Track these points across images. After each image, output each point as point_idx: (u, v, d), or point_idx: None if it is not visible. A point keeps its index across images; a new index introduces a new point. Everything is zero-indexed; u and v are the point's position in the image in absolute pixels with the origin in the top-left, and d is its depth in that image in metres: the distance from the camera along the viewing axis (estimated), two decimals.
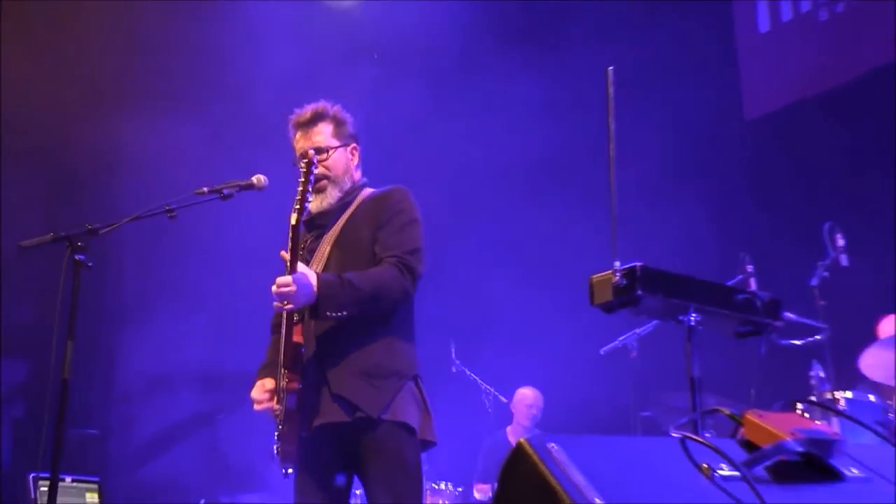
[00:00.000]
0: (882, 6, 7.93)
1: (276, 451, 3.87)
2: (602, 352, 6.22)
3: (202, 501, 6.58)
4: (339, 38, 8.82)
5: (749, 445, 2.09)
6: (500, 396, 7.86)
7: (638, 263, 2.93)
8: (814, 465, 2.08)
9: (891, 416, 5.39)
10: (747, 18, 8.88)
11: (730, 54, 8.92)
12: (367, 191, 4.12)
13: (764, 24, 8.77)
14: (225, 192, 4.27)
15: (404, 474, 3.79)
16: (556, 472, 1.79)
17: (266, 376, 3.97)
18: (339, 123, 4.14)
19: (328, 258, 3.96)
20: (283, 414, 3.80)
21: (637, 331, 5.94)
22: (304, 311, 3.82)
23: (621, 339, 6.04)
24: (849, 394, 5.42)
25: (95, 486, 6.19)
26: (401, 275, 3.81)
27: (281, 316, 3.89)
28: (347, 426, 3.76)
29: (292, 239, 3.74)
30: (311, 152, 3.95)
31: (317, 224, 4.07)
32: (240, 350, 7.00)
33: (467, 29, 8.71)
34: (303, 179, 3.79)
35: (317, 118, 4.11)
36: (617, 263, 2.93)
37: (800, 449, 2.03)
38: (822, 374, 5.40)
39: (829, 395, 5.31)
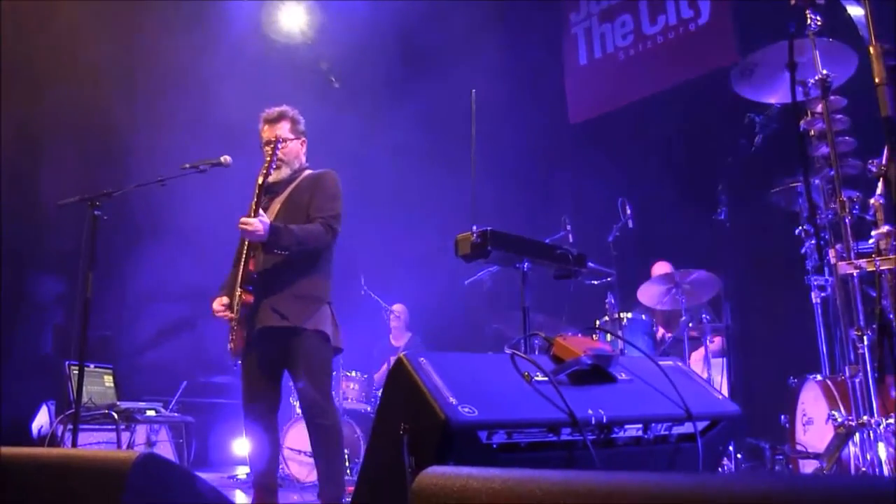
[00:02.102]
0: (681, 39, 8.08)
1: (229, 348, 3.95)
2: (466, 283, 6.29)
3: (184, 382, 6.54)
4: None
5: (557, 359, 2.14)
6: (391, 310, 7.92)
7: (489, 228, 3.02)
8: (598, 372, 2.15)
9: (655, 329, 5.62)
10: (572, 53, 8.97)
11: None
12: (308, 171, 4.18)
13: (583, 59, 8.88)
14: (201, 167, 4.29)
15: (320, 368, 3.86)
16: (423, 377, 1.82)
17: (223, 294, 4.02)
18: (295, 122, 4.19)
19: (277, 214, 4.01)
20: (237, 320, 3.87)
21: (491, 269, 6.01)
22: (258, 248, 3.88)
23: (479, 274, 6.10)
24: (630, 314, 5.62)
25: (111, 371, 6.19)
26: (325, 231, 3.92)
27: (240, 253, 3.95)
28: (280, 330, 3.82)
29: (257, 194, 3.83)
30: (278, 135, 4.05)
31: (271, 191, 4.10)
32: (216, 273, 6.96)
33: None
34: (268, 158, 3.91)
35: (281, 116, 4.15)
36: (474, 227, 3.01)
37: (589, 362, 2.10)
38: (613, 301, 5.58)
39: (617, 315, 5.49)
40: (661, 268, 6.40)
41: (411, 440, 1.84)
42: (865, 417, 3.05)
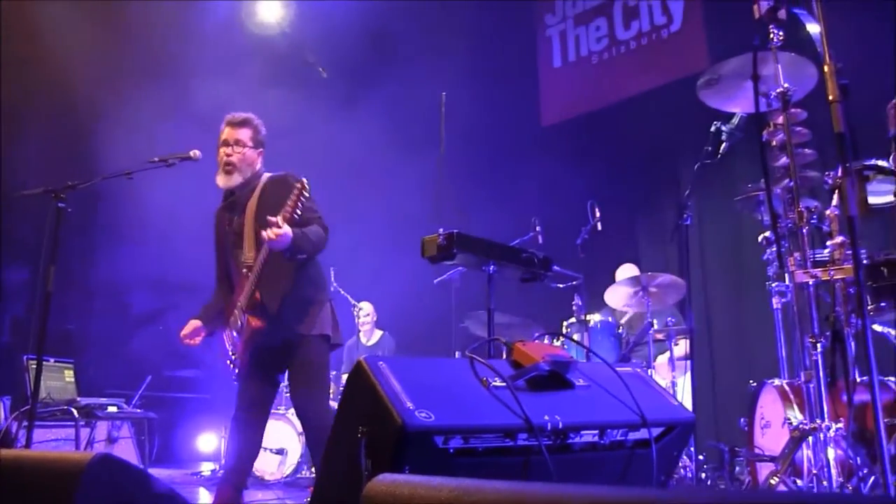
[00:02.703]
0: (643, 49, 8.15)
1: (229, 358, 3.97)
2: (435, 282, 6.30)
3: (149, 377, 6.47)
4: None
5: (517, 365, 2.17)
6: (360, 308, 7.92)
7: (455, 230, 3.04)
8: (557, 378, 2.17)
9: (620, 331, 5.67)
10: (546, 55, 9.02)
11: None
12: (266, 176, 4.07)
13: (557, 61, 8.93)
14: (170, 161, 4.23)
15: (319, 373, 3.88)
16: (381, 381, 1.86)
17: (198, 318, 4.00)
18: (257, 131, 4.08)
19: (256, 234, 3.86)
20: (243, 339, 3.87)
21: (460, 268, 6.03)
22: (255, 264, 3.81)
23: (449, 273, 6.11)
24: (597, 315, 5.66)
25: (71, 366, 6.08)
26: (324, 232, 3.87)
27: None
28: (284, 340, 3.82)
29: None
30: (238, 139, 4.00)
31: (235, 204, 4.01)
32: (178, 266, 6.94)
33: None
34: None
35: (245, 122, 4.05)
36: (441, 229, 3.03)
37: (547, 368, 2.13)
38: (580, 303, 5.63)
39: (584, 317, 5.53)
40: (626, 270, 6.46)
41: (369, 444, 1.87)
42: (818, 422, 3.11)
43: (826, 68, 2.56)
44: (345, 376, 7.07)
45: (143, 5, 7.68)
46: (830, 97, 2.51)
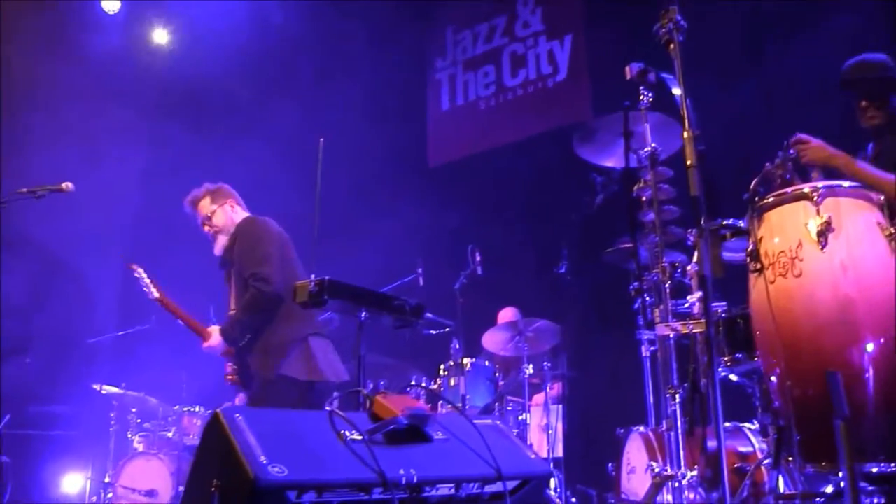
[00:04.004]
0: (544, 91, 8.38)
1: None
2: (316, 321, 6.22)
3: (7, 415, 6.14)
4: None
5: (376, 418, 2.18)
6: None
7: (327, 277, 3.05)
8: (415, 431, 2.19)
9: (497, 375, 5.75)
10: (435, 97, 9.17)
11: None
12: (235, 227, 4.29)
13: (445, 104, 9.09)
14: (38, 193, 4.14)
15: None
16: (236, 434, 1.84)
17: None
18: (211, 195, 4.32)
19: (234, 289, 4.18)
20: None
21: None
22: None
23: (327, 313, 6.07)
24: (473, 360, 5.74)
25: None
26: (258, 292, 3.94)
27: None
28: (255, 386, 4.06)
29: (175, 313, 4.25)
30: (203, 214, 4.32)
31: (224, 263, 4.25)
32: (47, 292, 6.68)
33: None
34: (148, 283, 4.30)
35: (195, 201, 4.32)
36: (313, 276, 3.03)
37: (406, 422, 2.15)
38: (458, 347, 5.69)
39: (460, 361, 5.60)
40: (507, 314, 6.57)
41: (222, 497, 1.84)
42: (673, 469, 3.25)
43: (685, 134, 2.70)
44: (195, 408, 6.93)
45: (26, 26, 7.43)
46: (688, 162, 2.65)
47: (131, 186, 4.66)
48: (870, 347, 2.64)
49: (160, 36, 8.72)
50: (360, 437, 2.03)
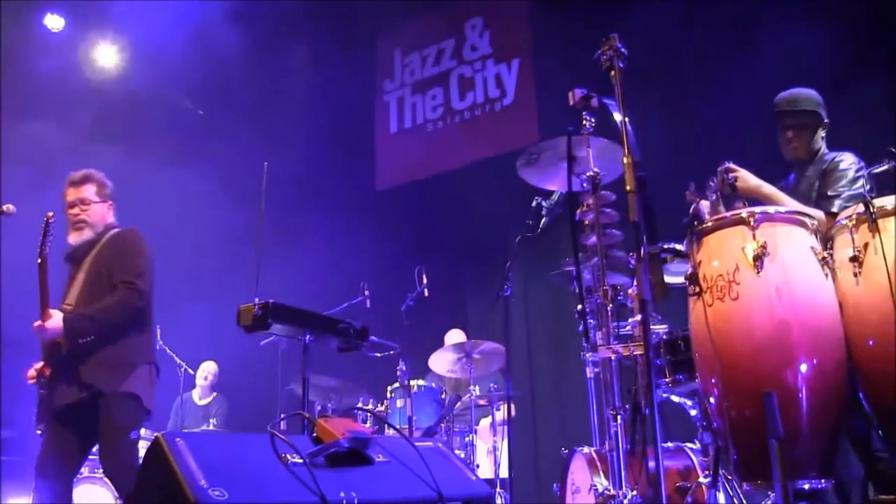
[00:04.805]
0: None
1: (34, 416, 3.82)
2: (261, 343, 6.19)
3: None
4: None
5: (318, 441, 2.18)
6: (189, 369, 7.67)
7: (271, 300, 3.04)
8: (356, 454, 2.19)
9: (443, 396, 5.77)
10: (383, 120, 9.22)
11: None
12: (114, 232, 4.06)
13: (393, 127, 9.14)
14: None
15: (125, 432, 3.74)
16: (177, 458, 1.84)
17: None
18: (101, 185, 4.11)
19: (81, 287, 3.89)
20: (39, 391, 3.78)
21: None
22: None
23: (274, 336, 6.03)
24: (421, 381, 5.76)
25: None
26: (127, 297, 3.79)
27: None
28: (85, 402, 3.72)
29: (41, 281, 3.69)
30: (82, 197, 3.99)
31: (74, 258, 3.99)
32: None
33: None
34: (42, 236, 3.78)
35: (85, 179, 4.06)
36: (256, 299, 3.02)
37: (347, 445, 2.16)
38: (404, 368, 5.69)
39: (407, 382, 5.60)
40: (454, 336, 6.60)
41: None
42: (615, 489, 3.30)
43: (625, 160, 2.77)
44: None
45: None
46: (628, 188, 2.71)
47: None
48: (804, 368, 2.71)
49: (105, 55, 8.60)
50: (301, 461, 2.02)
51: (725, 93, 6.10)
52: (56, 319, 3.65)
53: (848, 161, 3.79)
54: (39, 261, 3.68)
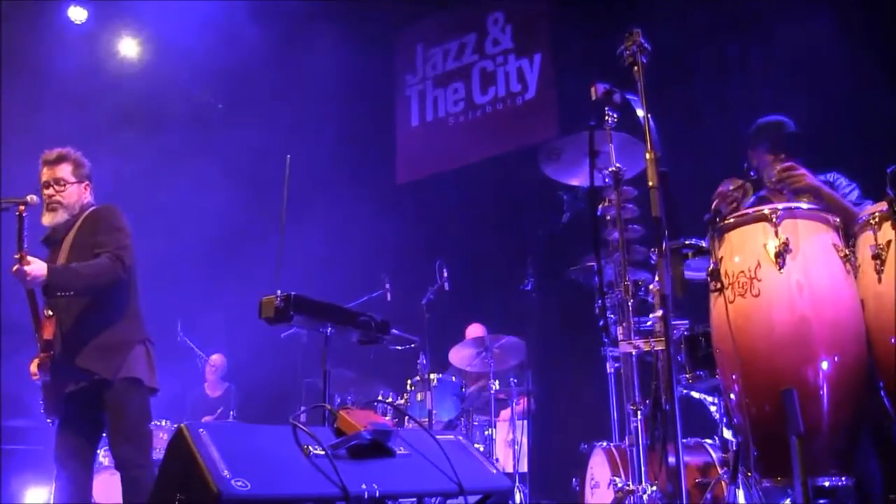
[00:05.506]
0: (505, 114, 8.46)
1: (42, 409, 3.81)
2: (282, 336, 6.23)
3: None
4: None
5: (340, 432, 2.20)
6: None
7: (293, 293, 3.07)
8: (378, 446, 2.21)
9: (464, 390, 5.79)
10: (405, 113, 9.23)
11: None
12: (91, 209, 4.00)
13: (415, 120, 9.15)
14: (3, 205, 4.06)
15: (132, 418, 3.75)
16: (200, 449, 1.85)
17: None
18: (78, 165, 4.01)
19: (65, 262, 3.83)
20: (43, 383, 3.74)
21: None
22: (51, 314, 3.73)
23: (295, 328, 6.06)
24: (440, 375, 5.77)
25: None
26: (112, 263, 3.74)
27: (35, 315, 3.77)
28: (88, 389, 3.72)
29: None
30: (59, 177, 3.91)
31: (52, 241, 3.96)
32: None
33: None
34: (18, 234, 3.67)
35: (61, 158, 3.98)
36: (279, 291, 3.05)
37: (369, 437, 2.17)
38: (424, 362, 5.71)
39: (427, 376, 5.62)
40: (474, 330, 6.61)
41: None
42: (635, 484, 3.30)
43: (648, 156, 2.76)
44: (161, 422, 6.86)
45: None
46: (650, 183, 2.71)
47: (98, 198, 4.61)
48: (825, 365, 2.71)
49: (128, 47, 8.66)
50: (323, 452, 2.04)
51: (745, 91, 6.07)
52: (39, 265, 3.58)
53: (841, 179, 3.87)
54: (18, 256, 3.60)
